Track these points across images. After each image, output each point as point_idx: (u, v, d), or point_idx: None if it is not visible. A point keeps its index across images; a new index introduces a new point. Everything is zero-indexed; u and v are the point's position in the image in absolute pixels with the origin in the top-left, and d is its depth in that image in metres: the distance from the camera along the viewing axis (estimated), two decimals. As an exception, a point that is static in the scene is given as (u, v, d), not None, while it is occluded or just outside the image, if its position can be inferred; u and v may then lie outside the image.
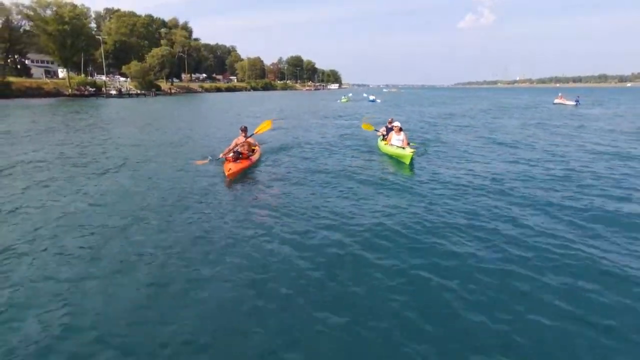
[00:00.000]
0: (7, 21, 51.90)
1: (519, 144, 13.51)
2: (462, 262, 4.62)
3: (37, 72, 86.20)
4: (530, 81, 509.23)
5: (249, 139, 9.68)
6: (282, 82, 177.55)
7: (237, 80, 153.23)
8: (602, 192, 7.36)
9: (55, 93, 57.41)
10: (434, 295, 3.94)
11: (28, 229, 5.62)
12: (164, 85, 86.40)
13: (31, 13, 52.63)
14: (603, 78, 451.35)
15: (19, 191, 7.55)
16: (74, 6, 58.66)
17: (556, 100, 41.82)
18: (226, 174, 8.12)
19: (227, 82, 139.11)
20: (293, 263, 4.59)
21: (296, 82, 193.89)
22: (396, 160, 9.97)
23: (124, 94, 61.82)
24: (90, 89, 62.26)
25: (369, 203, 6.81)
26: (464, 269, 4.45)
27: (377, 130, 12.52)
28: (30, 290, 4.01)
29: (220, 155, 9.21)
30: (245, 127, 9.78)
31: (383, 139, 11.55)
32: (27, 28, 54.10)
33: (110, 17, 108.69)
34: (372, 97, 46.40)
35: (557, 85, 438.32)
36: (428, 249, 4.99)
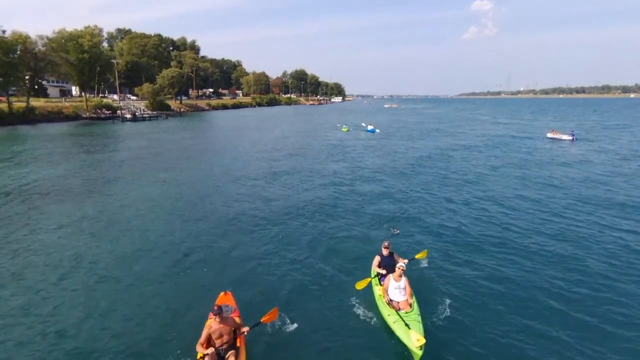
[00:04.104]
0: (28, 50, 55.39)
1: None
2: None
3: (52, 91, 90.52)
4: (534, 92, 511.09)
5: (226, 322, 6.47)
6: (286, 96, 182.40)
7: (243, 95, 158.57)
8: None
9: (74, 117, 61.13)
10: None
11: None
12: (173, 103, 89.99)
13: (54, 45, 56.45)
14: (606, 89, 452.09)
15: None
16: (92, 35, 62.50)
17: (549, 135, 39.19)
18: None
19: (233, 98, 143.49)
20: None
21: (300, 96, 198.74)
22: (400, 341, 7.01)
23: (138, 118, 65.46)
24: (107, 111, 66.03)
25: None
26: None
27: (371, 279, 8.76)
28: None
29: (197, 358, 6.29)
30: (220, 308, 6.46)
31: (377, 278, 8.65)
32: (50, 57, 57.65)
33: (122, 38, 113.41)
34: (370, 127, 48.95)
35: (561, 95, 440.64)
36: None
